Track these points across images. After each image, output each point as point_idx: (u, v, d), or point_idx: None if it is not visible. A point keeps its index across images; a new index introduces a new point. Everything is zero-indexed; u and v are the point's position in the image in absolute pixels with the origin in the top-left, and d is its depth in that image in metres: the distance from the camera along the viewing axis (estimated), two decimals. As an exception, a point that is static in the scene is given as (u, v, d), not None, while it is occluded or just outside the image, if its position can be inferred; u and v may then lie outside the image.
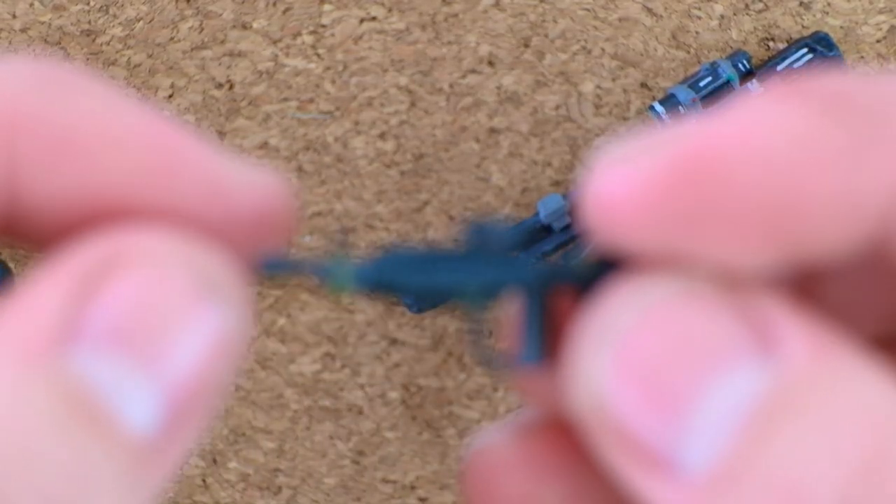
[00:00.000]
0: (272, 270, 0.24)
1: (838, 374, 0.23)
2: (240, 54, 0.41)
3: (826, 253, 0.24)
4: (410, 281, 0.24)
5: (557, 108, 0.42)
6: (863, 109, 0.23)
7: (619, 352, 0.24)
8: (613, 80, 0.42)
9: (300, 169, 0.41)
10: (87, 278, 0.22)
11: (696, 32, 0.39)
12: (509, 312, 0.28)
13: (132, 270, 0.22)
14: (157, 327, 0.22)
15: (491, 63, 0.41)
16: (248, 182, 0.24)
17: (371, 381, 0.42)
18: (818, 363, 0.23)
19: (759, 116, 0.23)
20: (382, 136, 0.41)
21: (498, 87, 0.41)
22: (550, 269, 0.25)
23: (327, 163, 0.41)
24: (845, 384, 0.23)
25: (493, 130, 0.41)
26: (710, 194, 0.23)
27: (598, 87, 0.42)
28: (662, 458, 0.23)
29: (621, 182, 0.23)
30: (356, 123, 0.41)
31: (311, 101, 0.41)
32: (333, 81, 0.41)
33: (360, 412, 0.42)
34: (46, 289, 0.22)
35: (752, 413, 0.23)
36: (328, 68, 0.41)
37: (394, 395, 0.42)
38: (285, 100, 0.41)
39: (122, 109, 0.23)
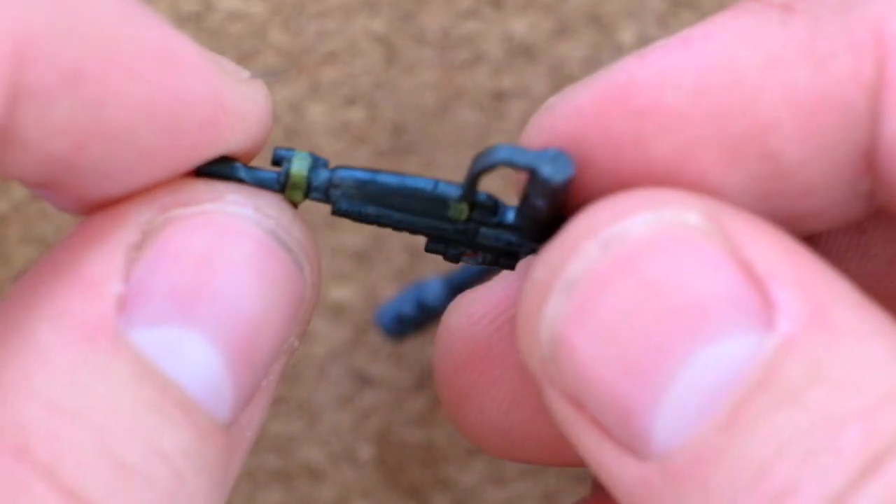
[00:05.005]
0: (227, 173, 0.27)
1: (835, 344, 0.24)
2: (158, -9, 0.39)
3: (803, 166, 0.25)
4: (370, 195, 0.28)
5: (585, 63, 0.40)
6: (814, 3, 0.25)
7: (578, 304, 0.25)
8: (661, 25, 0.40)
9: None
10: (139, 240, 0.25)
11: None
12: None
13: (194, 224, 0.25)
14: (230, 290, 0.25)
15: (496, 3, 0.39)
16: (247, 105, 0.27)
17: (334, 434, 0.40)
18: (814, 331, 0.24)
19: (719, 30, 0.26)
20: (350, 102, 0.39)
21: (505, 36, 0.39)
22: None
23: (276, 137, 0.40)
24: (842, 357, 0.23)
25: (498, 94, 0.39)
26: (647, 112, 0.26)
27: (641, 34, 0.40)
28: (627, 431, 0.25)
29: (555, 115, 0.26)
30: (315, 85, 0.39)
31: (254, 55, 0.39)
32: (285, 28, 0.39)
33: (320, 476, 0.40)
34: (97, 257, 0.25)
35: (738, 388, 0.24)
36: (276, 11, 0.39)
37: (365, 452, 0.40)
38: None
39: (133, 30, 0.25)
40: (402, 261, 0.40)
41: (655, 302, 0.25)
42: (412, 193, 0.27)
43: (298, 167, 0.27)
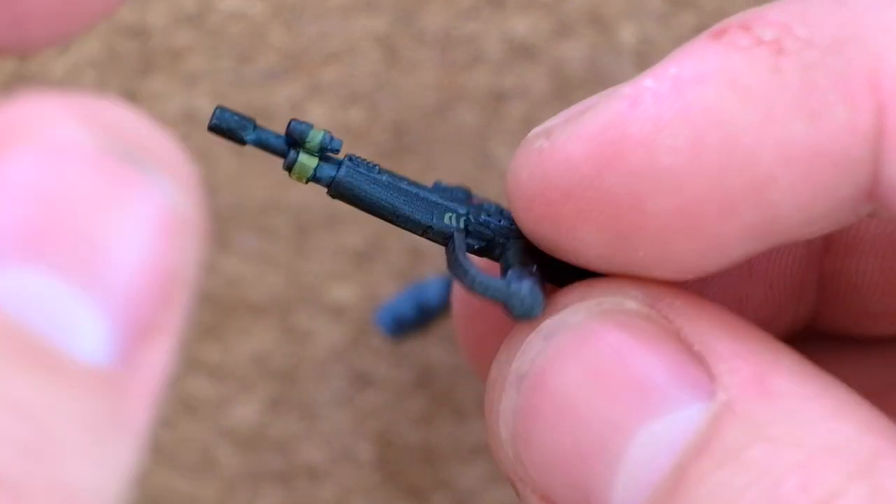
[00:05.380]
0: (237, 133, 0.27)
1: (773, 407, 0.24)
2: (158, -8, 0.39)
3: (803, 218, 0.25)
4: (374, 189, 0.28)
5: (585, 63, 0.40)
6: (805, 44, 0.25)
7: (528, 396, 0.26)
8: (662, 25, 0.40)
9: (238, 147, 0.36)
10: None
11: (766, -37, 0.38)
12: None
13: (27, 152, 0.22)
14: (78, 221, 0.22)
15: (496, 3, 0.39)
16: None
17: (334, 434, 0.40)
18: (752, 397, 0.25)
19: (696, 76, 0.25)
20: (351, 102, 0.39)
21: (505, 37, 0.39)
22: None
23: (276, 138, 0.40)
24: (779, 418, 0.24)
25: (498, 94, 0.39)
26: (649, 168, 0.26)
27: (641, 34, 0.40)
28: None
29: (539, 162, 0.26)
30: (315, 85, 0.39)
31: (254, 55, 0.39)
32: (285, 29, 0.39)
33: (320, 476, 0.40)
34: None
35: (681, 455, 0.25)
36: (277, 12, 0.39)
37: (365, 452, 0.40)
38: (218, 54, 0.39)
39: None
40: (402, 261, 0.40)
41: (598, 384, 0.25)
42: (403, 226, 0.28)
43: (302, 166, 0.27)
